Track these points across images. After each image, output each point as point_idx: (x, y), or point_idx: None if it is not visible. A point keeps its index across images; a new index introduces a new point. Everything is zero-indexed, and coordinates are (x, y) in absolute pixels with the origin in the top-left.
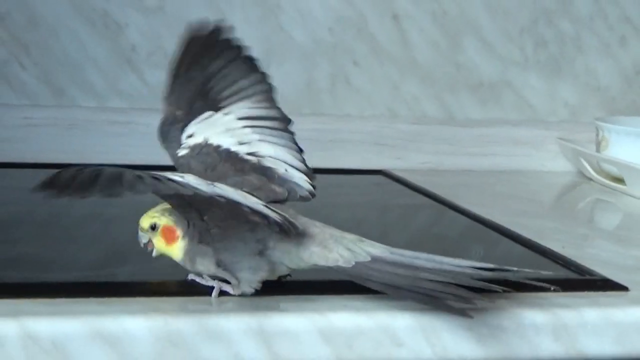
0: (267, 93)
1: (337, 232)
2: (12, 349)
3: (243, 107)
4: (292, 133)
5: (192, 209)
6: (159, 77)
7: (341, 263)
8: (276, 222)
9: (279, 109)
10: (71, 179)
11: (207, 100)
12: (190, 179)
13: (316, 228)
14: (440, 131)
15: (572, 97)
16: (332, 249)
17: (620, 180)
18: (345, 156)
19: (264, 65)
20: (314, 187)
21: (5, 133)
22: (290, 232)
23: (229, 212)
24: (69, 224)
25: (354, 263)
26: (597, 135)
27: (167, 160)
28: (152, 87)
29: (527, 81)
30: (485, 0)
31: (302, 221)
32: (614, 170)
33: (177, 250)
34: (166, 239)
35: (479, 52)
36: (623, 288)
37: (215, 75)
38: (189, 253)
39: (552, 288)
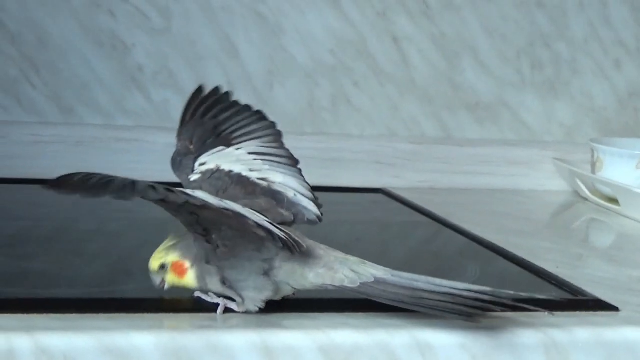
0: (277, 136)
1: (340, 255)
2: None
3: (253, 145)
4: (299, 169)
5: (199, 227)
6: (164, 96)
7: (347, 283)
8: (280, 238)
9: (287, 150)
10: (83, 181)
11: (219, 139)
12: (199, 194)
13: (321, 250)
14: (438, 150)
15: (567, 118)
16: (338, 270)
17: (614, 200)
18: (346, 174)
19: (266, 84)
20: (321, 212)
21: (14, 149)
22: (294, 250)
23: (237, 231)
24: (76, 239)
25: (359, 284)
26: (592, 156)
27: (173, 178)
28: (158, 106)
29: (524, 102)
30: (483, 23)
31: (308, 243)
32: (609, 191)
33: (190, 280)
34: (177, 273)
35: (476, 73)
36: (614, 308)
37: (226, 121)
38: (200, 277)
39: (546, 313)
